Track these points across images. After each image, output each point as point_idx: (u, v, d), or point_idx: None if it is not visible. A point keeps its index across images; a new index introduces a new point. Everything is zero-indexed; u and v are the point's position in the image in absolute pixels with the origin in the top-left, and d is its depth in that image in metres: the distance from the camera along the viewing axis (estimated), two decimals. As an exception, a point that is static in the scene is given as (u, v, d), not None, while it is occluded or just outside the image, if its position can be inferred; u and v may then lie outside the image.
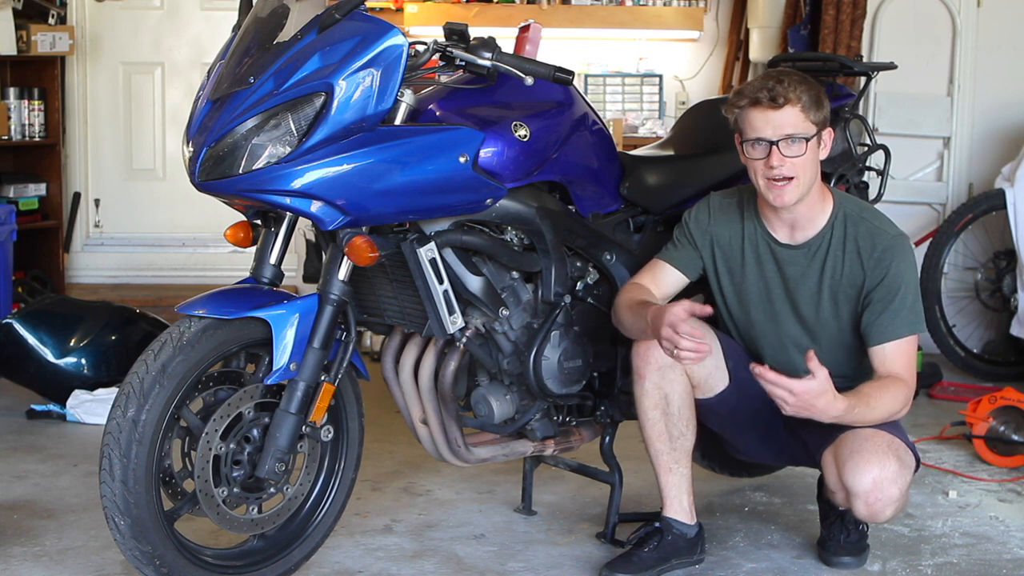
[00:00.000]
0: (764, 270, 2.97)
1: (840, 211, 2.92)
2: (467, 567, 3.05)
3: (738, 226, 2.99)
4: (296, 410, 2.68)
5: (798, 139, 2.78)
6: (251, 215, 2.80)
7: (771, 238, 2.96)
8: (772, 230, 2.96)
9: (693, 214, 3.04)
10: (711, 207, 3.03)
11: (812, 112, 2.79)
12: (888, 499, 2.79)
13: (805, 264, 2.93)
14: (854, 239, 2.89)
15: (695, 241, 3.02)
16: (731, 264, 3.01)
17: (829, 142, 2.88)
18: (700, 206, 3.05)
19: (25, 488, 3.58)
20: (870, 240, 2.87)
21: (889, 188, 3.57)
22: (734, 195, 3.03)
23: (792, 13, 5.69)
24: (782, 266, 2.95)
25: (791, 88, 2.78)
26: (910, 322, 2.85)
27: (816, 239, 2.92)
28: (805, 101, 2.78)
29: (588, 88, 6.12)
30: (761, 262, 2.97)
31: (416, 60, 2.73)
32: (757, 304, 3.00)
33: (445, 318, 2.81)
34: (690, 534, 3.03)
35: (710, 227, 3.01)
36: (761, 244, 2.97)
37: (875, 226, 2.89)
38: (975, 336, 5.55)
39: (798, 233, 2.93)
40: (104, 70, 6.34)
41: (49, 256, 6.04)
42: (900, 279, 2.85)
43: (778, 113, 2.78)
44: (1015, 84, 5.61)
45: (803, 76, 2.84)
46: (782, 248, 2.95)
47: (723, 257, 3.01)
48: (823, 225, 2.91)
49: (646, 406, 2.95)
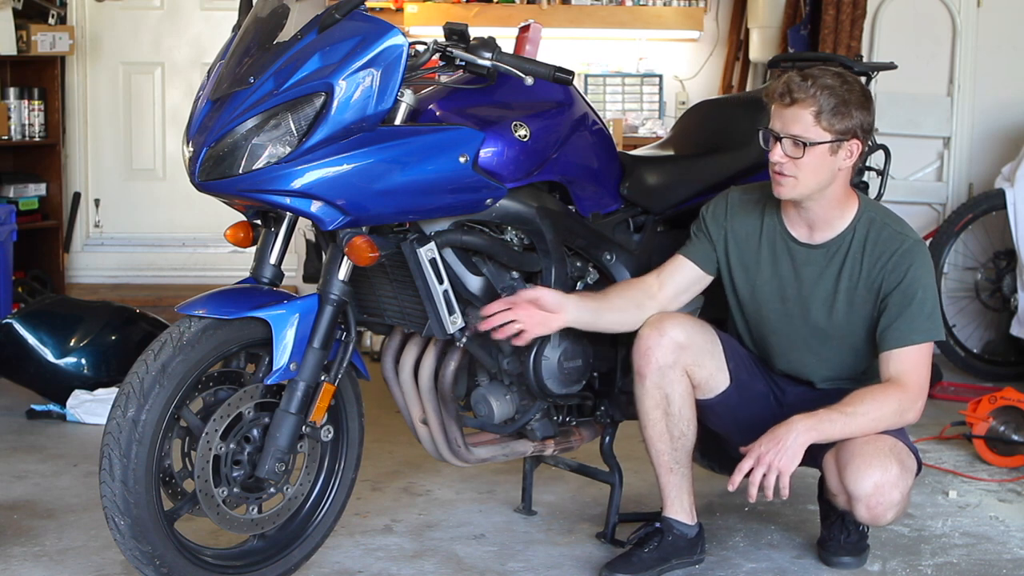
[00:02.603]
0: (779, 268, 2.96)
1: (864, 215, 2.89)
2: (467, 567, 3.05)
3: (757, 222, 2.98)
4: (296, 410, 2.68)
5: (799, 141, 2.77)
6: (251, 215, 2.80)
7: (789, 236, 2.95)
8: (791, 227, 2.94)
9: (711, 208, 3.03)
10: (729, 202, 3.02)
11: (828, 119, 2.74)
12: (890, 503, 2.78)
13: (823, 265, 2.91)
14: (875, 243, 2.86)
15: (711, 235, 3.01)
16: (746, 260, 2.99)
17: (855, 152, 2.81)
18: (718, 200, 3.04)
19: (25, 488, 3.58)
20: (890, 244, 2.85)
21: (889, 188, 3.57)
22: (755, 191, 3.02)
23: (792, 13, 5.69)
24: (798, 266, 2.94)
25: (810, 89, 2.74)
26: (927, 329, 2.82)
27: (836, 241, 2.90)
28: (821, 106, 2.74)
29: (588, 88, 6.12)
30: (777, 259, 2.96)
31: (416, 60, 2.73)
32: (769, 302, 2.99)
33: (445, 318, 2.81)
34: (690, 534, 3.03)
35: (727, 222, 3.00)
36: (779, 241, 2.96)
37: (897, 231, 2.87)
38: (975, 336, 5.55)
39: (816, 233, 2.92)
40: (104, 70, 6.34)
41: (49, 256, 6.04)
42: (918, 283, 2.82)
43: (787, 110, 2.77)
44: (1015, 84, 5.61)
45: (838, 82, 2.75)
46: (800, 247, 2.94)
47: (738, 252, 2.99)
48: (844, 228, 2.89)
49: (647, 406, 2.95)
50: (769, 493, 2.68)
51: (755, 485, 2.68)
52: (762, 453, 2.70)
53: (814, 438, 2.72)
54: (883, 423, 2.78)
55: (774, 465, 2.68)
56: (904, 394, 2.79)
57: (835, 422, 2.74)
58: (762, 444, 2.71)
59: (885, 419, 2.78)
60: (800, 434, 2.71)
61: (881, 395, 2.78)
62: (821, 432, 2.73)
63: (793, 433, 2.71)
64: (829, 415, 2.74)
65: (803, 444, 2.70)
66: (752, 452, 2.71)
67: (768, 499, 2.70)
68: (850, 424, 2.75)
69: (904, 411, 2.79)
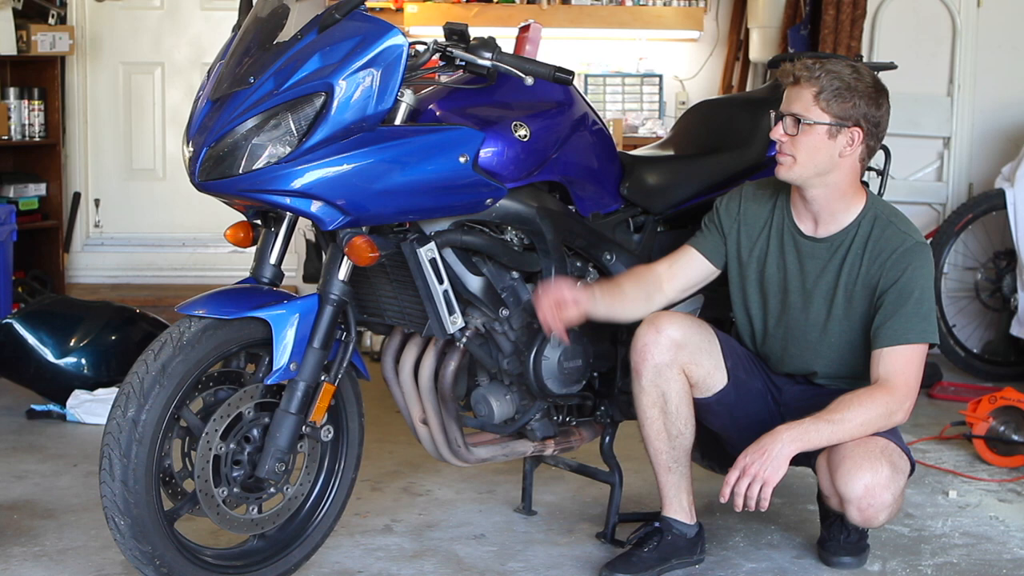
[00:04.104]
0: (785, 260, 2.97)
1: (870, 211, 2.90)
2: (467, 567, 3.05)
3: (767, 214, 2.99)
4: (296, 410, 2.68)
5: (796, 119, 2.79)
6: (251, 215, 2.80)
7: (796, 228, 2.95)
8: (798, 220, 2.95)
9: (724, 201, 3.04)
10: (743, 195, 3.03)
11: (828, 101, 2.78)
12: (881, 504, 2.78)
13: (826, 259, 2.92)
14: (877, 240, 2.87)
15: (722, 228, 3.02)
16: (755, 251, 3.00)
17: (856, 141, 2.83)
18: (733, 194, 3.05)
19: (25, 488, 3.58)
20: (892, 242, 2.85)
21: (889, 188, 3.57)
22: (769, 185, 3.03)
23: (792, 13, 5.69)
24: (803, 259, 2.95)
25: (816, 71, 2.78)
26: (921, 329, 2.81)
27: (840, 235, 2.91)
28: (823, 87, 2.78)
29: (588, 88, 6.12)
30: (783, 252, 2.97)
31: (416, 60, 2.73)
32: (774, 294, 2.99)
33: (445, 318, 2.81)
34: (690, 534, 3.03)
35: (739, 215, 3.01)
36: (786, 234, 2.96)
37: (901, 230, 2.87)
38: (975, 336, 5.55)
39: (821, 227, 2.93)
40: (104, 70, 6.34)
41: (49, 256, 6.04)
42: (915, 283, 2.82)
43: (791, 89, 2.82)
44: (1015, 84, 5.61)
45: (848, 71, 2.80)
46: (805, 240, 2.94)
47: (748, 244, 3.00)
48: (849, 223, 2.90)
49: (644, 405, 2.95)
50: (752, 504, 2.69)
51: (740, 496, 2.70)
52: (747, 464, 2.70)
53: (800, 447, 2.73)
54: (871, 427, 2.77)
55: (759, 476, 2.69)
56: (891, 396, 2.78)
57: (821, 431, 2.74)
58: (747, 455, 2.72)
59: (872, 423, 2.77)
60: (785, 445, 2.71)
61: (868, 399, 2.77)
62: (807, 442, 2.73)
63: (779, 444, 2.71)
64: (815, 424, 2.74)
65: (788, 455, 2.71)
66: (738, 463, 2.72)
67: (751, 510, 2.70)
68: (837, 431, 2.75)
69: (892, 413, 2.78)
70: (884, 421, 2.78)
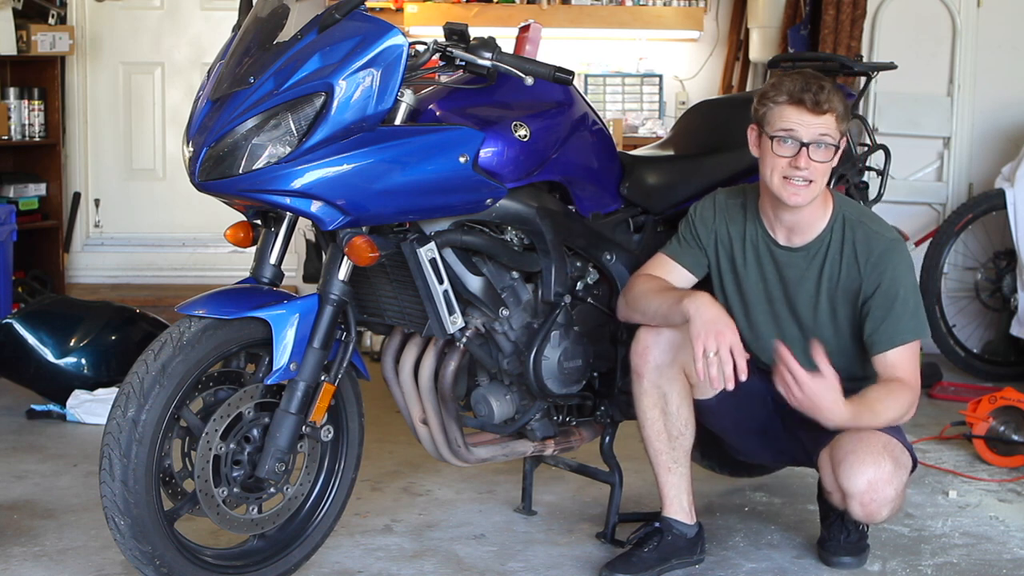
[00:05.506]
0: (764, 271, 2.98)
1: (839, 214, 2.92)
2: (467, 567, 3.05)
3: (740, 226, 2.99)
4: (296, 410, 2.68)
5: (829, 146, 2.80)
6: (251, 215, 2.80)
7: (771, 240, 2.96)
8: (772, 231, 2.96)
9: (699, 211, 3.04)
10: (716, 205, 3.03)
11: (843, 122, 2.83)
12: (883, 500, 2.79)
13: (804, 267, 2.93)
14: (852, 243, 2.89)
15: (700, 240, 3.02)
16: (734, 263, 3.00)
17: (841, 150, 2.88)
18: (706, 203, 3.05)
19: (25, 488, 3.58)
20: (867, 244, 2.88)
21: (889, 188, 3.58)
22: (738, 195, 3.03)
23: (792, 13, 5.69)
24: (781, 268, 2.95)
25: (832, 97, 2.79)
26: (913, 327, 2.85)
27: (815, 243, 2.92)
28: (840, 112, 2.80)
29: (588, 88, 6.12)
30: (761, 263, 2.98)
31: (416, 60, 2.73)
32: (757, 305, 3.00)
33: (445, 318, 2.81)
34: (690, 534, 3.03)
35: (715, 225, 3.01)
36: (761, 245, 2.97)
37: (872, 230, 2.90)
38: (975, 336, 5.54)
39: (796, 237, 2.93)
40: (104, 70, 6.34)
41: (49, 256, 6.04)
42: (898, 284, 2.85)
43: (818, 119, 2.79)
44: (1015, 84, 5.61)
45: (835, 84, 2.86)
46: (781, 250, 2.95)
47: (727, 256, 3.01)
48: (822, 229, 2.92)
49: (644, 405, 2.95)
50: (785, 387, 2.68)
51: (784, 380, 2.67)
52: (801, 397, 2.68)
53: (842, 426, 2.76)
54: (895, 421, 2.83)
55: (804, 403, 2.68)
56: (912, 394, 2.83)
57: (867, 420, 2.78)
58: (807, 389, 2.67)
59: (898, 418, 2.82)
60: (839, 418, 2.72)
61: (898, 394, 2.81)
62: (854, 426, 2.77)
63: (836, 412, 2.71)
64: (863, 413, 2.76)
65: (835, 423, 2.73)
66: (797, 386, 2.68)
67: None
68: (871, 422, 2.79)
69: (912, 407, 2.83)
70: (903, 416, 2.83)
